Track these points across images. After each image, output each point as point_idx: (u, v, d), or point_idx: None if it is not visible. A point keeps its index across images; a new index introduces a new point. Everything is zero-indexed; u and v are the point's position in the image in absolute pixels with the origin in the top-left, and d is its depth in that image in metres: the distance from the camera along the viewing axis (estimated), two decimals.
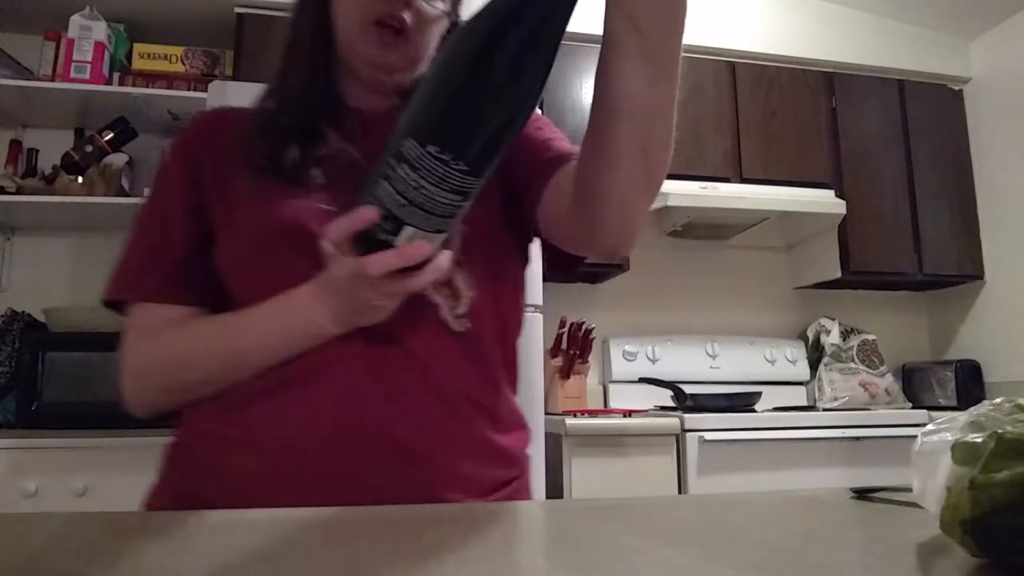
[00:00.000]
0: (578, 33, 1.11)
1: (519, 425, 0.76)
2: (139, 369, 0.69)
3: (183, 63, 2.28)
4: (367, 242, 0.52)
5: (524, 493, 0.74)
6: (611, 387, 2.59)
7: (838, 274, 2.61)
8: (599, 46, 0.56)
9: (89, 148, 2.15)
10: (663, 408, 2.39)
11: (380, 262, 0.52)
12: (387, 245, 0.52)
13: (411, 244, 0.51)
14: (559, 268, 0.80)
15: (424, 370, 0.66)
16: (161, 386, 0.69)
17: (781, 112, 2.62)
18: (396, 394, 0.64)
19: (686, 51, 0.55)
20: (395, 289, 0.56)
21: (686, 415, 2.01)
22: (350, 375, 0.63)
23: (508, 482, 0.71)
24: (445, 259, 0.55)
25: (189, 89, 2.25)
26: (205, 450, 0.66)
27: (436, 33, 0.74)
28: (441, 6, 0.73)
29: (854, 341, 2.71)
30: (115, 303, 0.73)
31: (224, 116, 0.78)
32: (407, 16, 0.70)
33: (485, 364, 0.71)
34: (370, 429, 0.62)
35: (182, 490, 0.67)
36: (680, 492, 1.97)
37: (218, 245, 0.70)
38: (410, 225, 0.50)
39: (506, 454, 0.72)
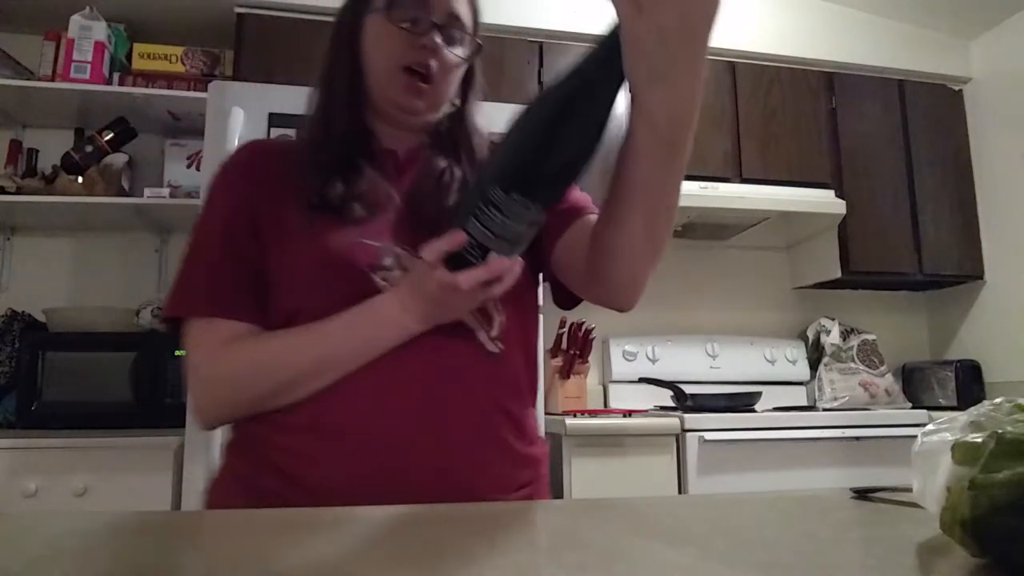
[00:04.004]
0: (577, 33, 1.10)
1: (539, 438, 0.85)
2: (224, 375, 0.73)
3: (183, 63, 2.28)
4: (457, 261, 0.64)
5: (543, 493, 0.82)
6: (611, 387, 2.59)
7: (838, 274, 2.61)
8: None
9: (89, 148, 2.15)
10: (663, 408, 2.39)
11: (472, 277, 0.63)
12: (472, 264, 0.63)
13: (495, 261, 0.64)
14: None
15: (467, 387, 0.73)
16: (249, 391, 0.72)
17: (781, 112, 2.62)
18: (442, 407, 0.71)
19: None
20: (478, 296, 0.67)
21: (686, 415, 2.01)
22: (401, 388, 0.70)
23: (528, 483, 0.78)
24: (518, 267, 0.65)
25: (189, 89, 2.25)
26: (267, 440, 0.72)
27: (456, 78, 0.83)
28: (462, 53, 0.81)
29: (854, 341, 2.71)
30: (175, 319, 0.77)
31: (267, 149, 0.85)
32: (433, 63, 0.78)
33: (515, 382, 0.79)
34: (418, 434, 0.70)
35: (244, 479, 0.73)
36: (680, 492, 1.96)
37: (274, 270, 0.76)
38: (494, 251, 0.63)
39: (531, 460, 0.79)
